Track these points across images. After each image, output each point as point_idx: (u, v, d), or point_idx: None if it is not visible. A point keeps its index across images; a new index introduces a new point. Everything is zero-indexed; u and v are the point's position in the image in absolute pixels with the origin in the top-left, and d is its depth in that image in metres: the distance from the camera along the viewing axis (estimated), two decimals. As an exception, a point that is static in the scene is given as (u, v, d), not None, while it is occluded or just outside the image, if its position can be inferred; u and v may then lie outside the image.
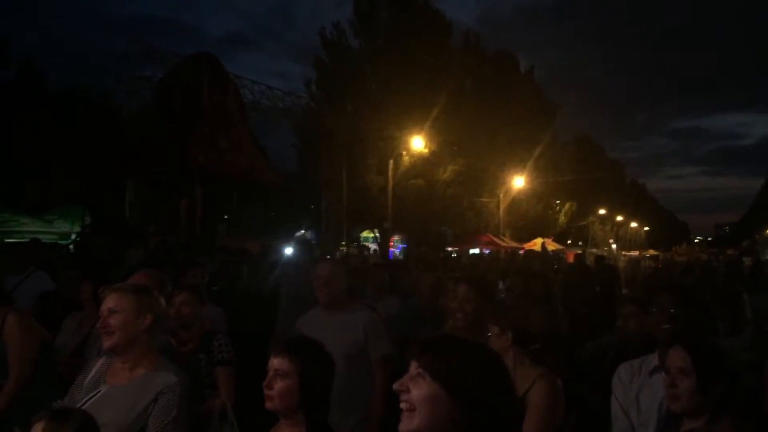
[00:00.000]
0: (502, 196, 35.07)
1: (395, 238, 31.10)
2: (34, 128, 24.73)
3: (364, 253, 21.33)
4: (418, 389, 1.56)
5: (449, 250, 27.52)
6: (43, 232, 16.36)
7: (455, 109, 28.02)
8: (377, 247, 29.82)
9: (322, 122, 26.25)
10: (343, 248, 24.71)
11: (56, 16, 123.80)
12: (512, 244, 33.29)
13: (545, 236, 36.26)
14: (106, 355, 2.73)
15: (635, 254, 45.12)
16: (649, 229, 77.22)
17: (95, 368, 2.74)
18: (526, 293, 5.30)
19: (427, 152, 27.91)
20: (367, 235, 34.18)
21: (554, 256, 21.02)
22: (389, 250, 28.09)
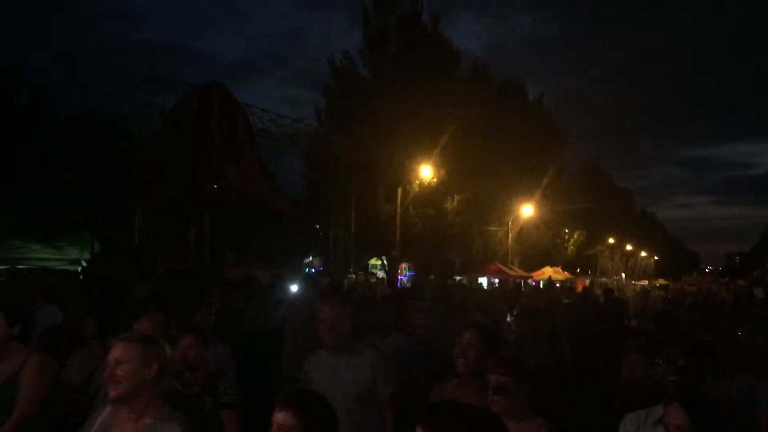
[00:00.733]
0: (510, 224, 35.03)
1: (403, 265, 31.03)
2: (44, 154, 24.98)
3: (370, 281, 21.30)
4: None
5: (458, 278, 27.42)
6: (52, 258, 16.45)
7: (463, 137, 28.10)
8: (385, 274, 29.74)
9: (330, 150, 26.41)
10: (351, 276, 24.68)
11: (67, 41, 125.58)
12: (521, 272, 33.20)
13: (554, 265, 36.20)
14: (111, 403, 2.74)
15: (644, 284, 44.83)
16: (658, 258, 76.82)
17: (101, 417, 2.75)
18: (531, 332, 5.30)
19: (435, 180, 27.94)
20: (375, 262, 34.13)
21: (562, 288, 20.87)
22: (397, 277, 28.01)
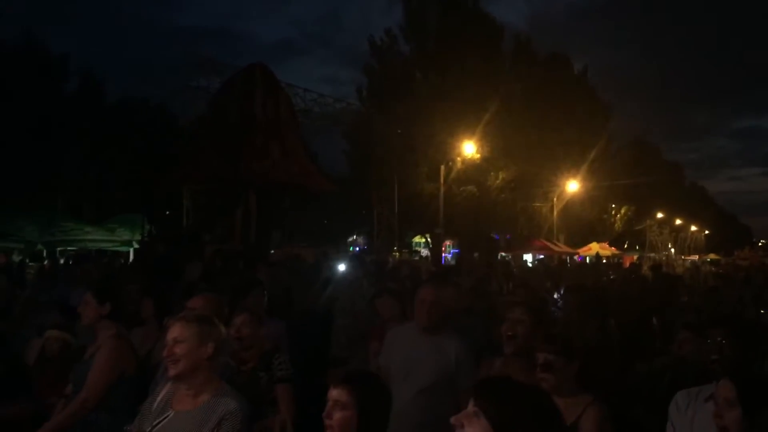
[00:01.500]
0: (555, 200, 34.62)
1: (447, 243, 31.03)
2: (94, 138, 25.58)
3: (414, 259, 21.33)
4: (471, 427, 1.67)
5: (503, 255, 27.30)
6: (105, 240, 16.96)
7: (507, 113, 27.81)
8: (428, 252, 29.81)
9: (372, 128, 26.43)
10: (395, 254, 24.80)
11: (112, 28, 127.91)
12: (566, 248, 32.84)
13: (600, 241, 35.65)
14: (171, 381, 2.86)
15: (695, 259, 43.91)
16: (709, 232, 74.98)
17: (162, 393, 2.89)
18: (578, 309, 5.27)
19: (478, 158, 27.75)
20: (418, 240, 34.20)
21: (609, 264, 20.59)
22: (441, 255, 28.04)
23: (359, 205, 31.60)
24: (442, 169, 26.38)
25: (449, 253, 31.53)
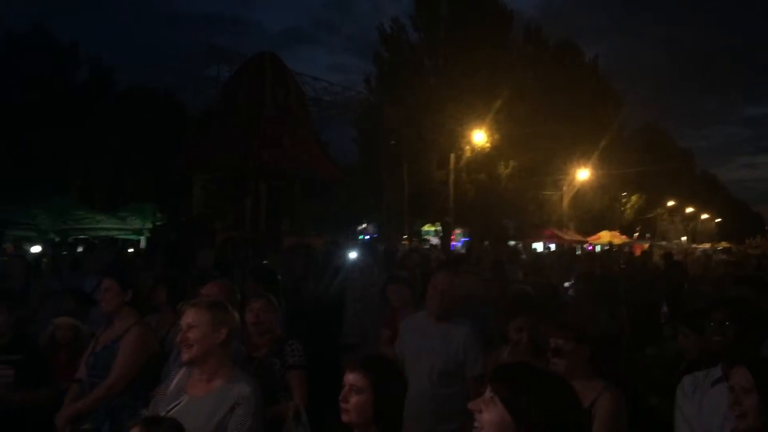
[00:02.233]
0: (565, 188, 34.47)
1: (457, 231, 30.99)
2: (104, 127, 25.62)
3: (424, 247, 21.30)
4: (488, 412, 1.70)
5: (512, 243, 27.22)
6: (117, 228, 17.00)
7: (517, 101, 27.67)
8: (439, 240, 29.79)
9: (382, 117, 26.40)
10: (405, 242, 24.79)
11: (123, 15, 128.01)
12: (576, 237, 32.74)
13: (611, 229, 35.50)
14: (184, 365, 2.89)
15: (706, 247, 43.64)
16: (720, 220, 74.51)
17: (176, 378, 2.92)
18: (590, 297, 5.29)
19: (488, 146, 27.65)
20: (428, 228, 34.16)
21: (619, 252, 20.51)
22: (451, 243, 28.02)
23: (369, 193, 31.59)
24: (452, 157, 26.32)
25: (459, 241, 31.48)
